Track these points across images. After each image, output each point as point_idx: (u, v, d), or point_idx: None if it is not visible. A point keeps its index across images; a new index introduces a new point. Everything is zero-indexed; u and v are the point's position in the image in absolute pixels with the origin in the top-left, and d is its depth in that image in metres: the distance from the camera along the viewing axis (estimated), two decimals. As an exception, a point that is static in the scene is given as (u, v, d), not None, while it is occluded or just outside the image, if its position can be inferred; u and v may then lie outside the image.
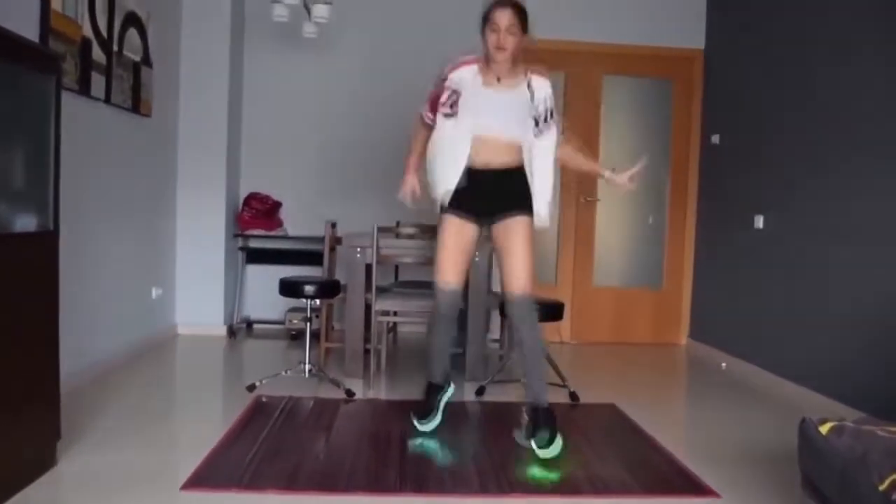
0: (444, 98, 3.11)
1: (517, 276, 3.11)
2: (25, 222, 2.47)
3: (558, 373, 4.17)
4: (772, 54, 4.65)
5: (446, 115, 3.11)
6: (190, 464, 2.78)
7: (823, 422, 2.36)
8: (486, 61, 3.10)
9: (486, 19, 3.04)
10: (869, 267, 3.63)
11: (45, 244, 2.60)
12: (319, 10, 5.14)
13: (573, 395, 4.02)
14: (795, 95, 4.35)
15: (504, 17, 3.00)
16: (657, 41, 5.71)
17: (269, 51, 5.78)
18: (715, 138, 5.43)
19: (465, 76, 3.10)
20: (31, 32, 3.20)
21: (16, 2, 3.13)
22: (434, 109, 3.17)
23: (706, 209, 5.62)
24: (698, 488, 2.74)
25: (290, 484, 2.65)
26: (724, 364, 4.99)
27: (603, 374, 4.92)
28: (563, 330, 5.64)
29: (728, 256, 5.17)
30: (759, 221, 4.68)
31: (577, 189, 5.82)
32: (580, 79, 5.80)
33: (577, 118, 5.80)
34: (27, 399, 2.50)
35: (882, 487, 1.99)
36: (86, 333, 3.83)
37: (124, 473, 2.70)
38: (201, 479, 2.65)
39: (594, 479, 2.81)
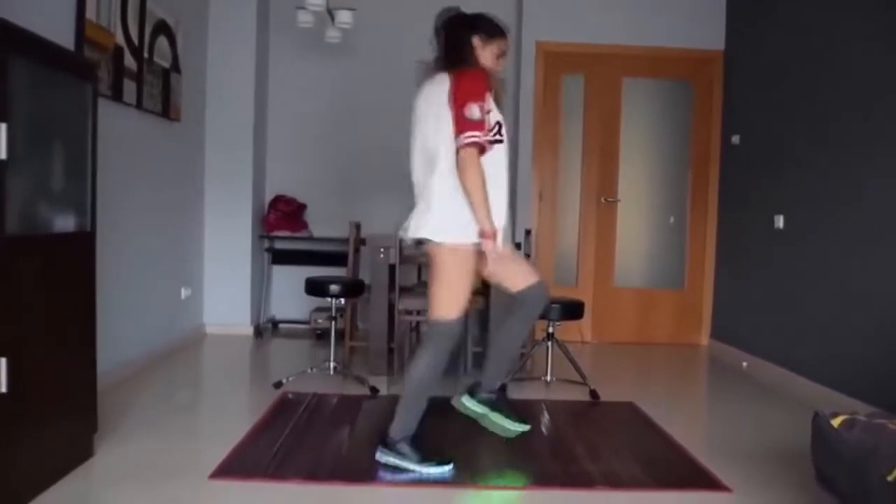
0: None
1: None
2: (64, 223, 2.60)
3: (579, 371, 4.23)
4: (792, 54, 4.67)
5: (499, 141, 2.83)
6: (218, 455, 2.89)
7: (835, 415, 2.40)
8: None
9: (497, 39, 2.90)
10: (890, 266, 3.64)
11: (83, 244, 2.72)
12: (343, 16, 5.25)
13: (593, 394, 4.07)
14: (816, 95, 4.36)
15: (507, 47, 2.95)
16: (677, 43, 5.74)
17: (293, 55, 5.91)
18: (735, 139, 5.45)
19: (490, 101, 2.84)
20: (66, 41, 3.33)
21: (52, 11, 3.27)
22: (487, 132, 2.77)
23: (727, 209, 5.64)
24: (711, 483, 2.79)
25: (313, 474, 2.74)
26: (745, 364, 5.00)
27: (623, 374, 4.96)
28: (584, 330, 5.69)
29: (749, 256, 5.19)
30: (780, 221, 4.70)
31: (598, 190, 5.87)
32: (600, 81, 5.85)
33: (597, 120, 5.87)
34: (66, 394, 2.62)
35: (891, 478, 2.04)
36: (118, 331, 3.96)
37: (156, 464, 2.82)
38: (228, 469, 2.76)
39: (608, 473, 2.87)
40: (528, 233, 4.74)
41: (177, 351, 4.86)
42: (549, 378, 4.31)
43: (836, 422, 2.37)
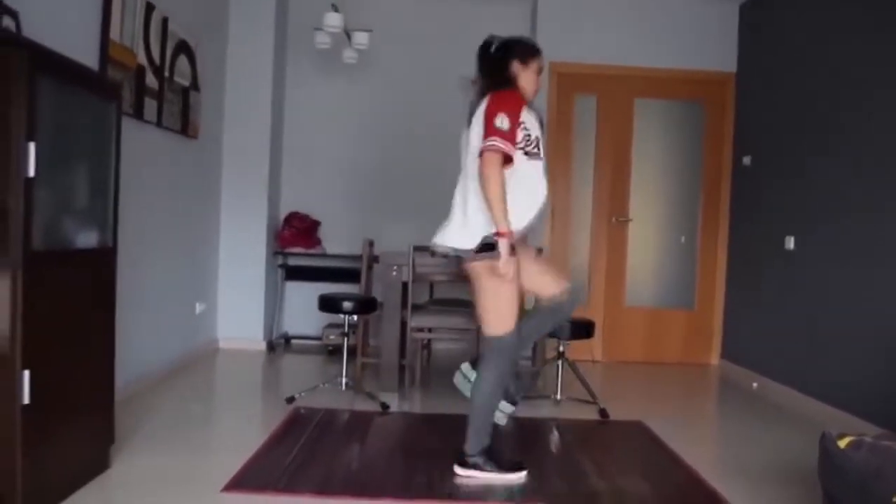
0: (520, 137, 2.95)
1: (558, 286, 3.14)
2: (87, 239, 2.67)
3: (589, 390, 4.26)
4: (802, 76, 4.71)
5: (531, 155, 3.00)
6: (230, 468, 2.93)
7: (842, 436, 2.42)
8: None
9: (535, 58, 3.09)
10: (897, 288, 3.66)
11: (104, 260, 2.79)
12: (359, 37, 5.35)
13: (602, 412, 4.09)
14: (826, 117, 4.40)
15: (542, 65, 3.16)
16: (688, 64, 5.80)
17: (310, 75, 6.01)
18: (746, 160, 5.49)
19: (529, 118, 3.03)
20: (91, 61, 3.42)
21: (77, 33, 3.36)
22: (514, 143, 2.92)
23: (738, 230, 5.67)
24: (716, 503, 2.81)
25: (324, 488, 2.78)
26: (755, 384, 5.00)
27: (633, 393, 4.97)
28: (594, 349, 5.71)
29: (760, 277, 5.20)
30: (791, 242, 4.72)
31: (609, 209, 5.91)
32: (612, 102, 5.91)
33: (609, 141, 5.92)
34: (86, 406, 2.68)
35: None
36: (134, 345, 4.01)
37: (170, 476, 2.87)
38: (240, 483, 2.80)
39: (615, 491, 2.89)
40: (539, 251, 4.78)
41: (191, 365, 4.92)
42: (558, 397, 4.33)
43: (842, 443, 2.39)
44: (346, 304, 4.15)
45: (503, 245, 2.82)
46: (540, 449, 3.45)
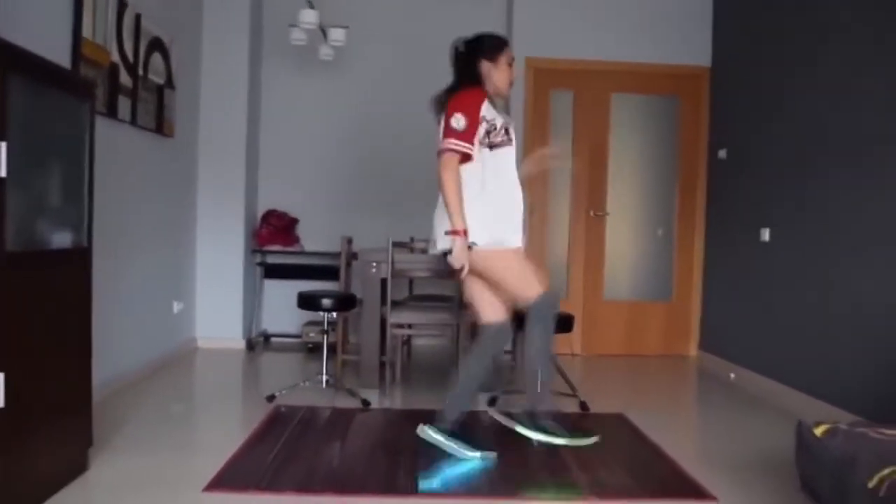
0: (483, 130, 3.02)
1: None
2: (61, 239, 2.63)
3: (569, 383, 4.28)
4: (777, 70, 4.76)
5: (497, 145, 3.07)
6: (211, 467, 2.91)
7: (818, 424, 2.46)
8: (485, 94, 3.12)
9: (502, 52, 3.15)
10: (874, 278, 3.71)
11: (79, 260, 2.76)
12: (335, 34, 5.33)
13: (583, 405, 4.12)
14: (800, 110, 4.45)
15: (512, 54, 3.20)
16: (664, 59, 5.83)
17: (286, 72, 5.97)
18: (722, 153, 5.54)
19: (491, 110, 3.10)
20: (63, 59, 3.38)
21: (49, 30, 3.32)
22: (472, 142, 3.00)
23: (714, 222, 5.72)
24: (697, 492, 2.84)
25: (306, 486, 2.77)
26: (732, 375, 5.06)
27: (613, 385, 5.01)
28: (574, 342, 5.74)
29: (736, 269, 5.26)
30: (766, 234, 4.77)
31: (586, 203, 5.94)
32: (589, 97, 5.93)
33: (585, 135, 5.95)
34: (63, 408, 2.64)
35: (871, 485, 2.10)
36: (111, 345, 3.98)
37: (150, 477, 2.85)
38: (222, 482, 2.79)
39: (598, 482, 2.91)
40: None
41: (169, 365, 4.88)
42: (539, 390, 4.34)
43: (818, 430, 2.43)
44: (326, 302, 4.14)
45: (457, 243, 2.92)
46: (522, 442, 3.46)
